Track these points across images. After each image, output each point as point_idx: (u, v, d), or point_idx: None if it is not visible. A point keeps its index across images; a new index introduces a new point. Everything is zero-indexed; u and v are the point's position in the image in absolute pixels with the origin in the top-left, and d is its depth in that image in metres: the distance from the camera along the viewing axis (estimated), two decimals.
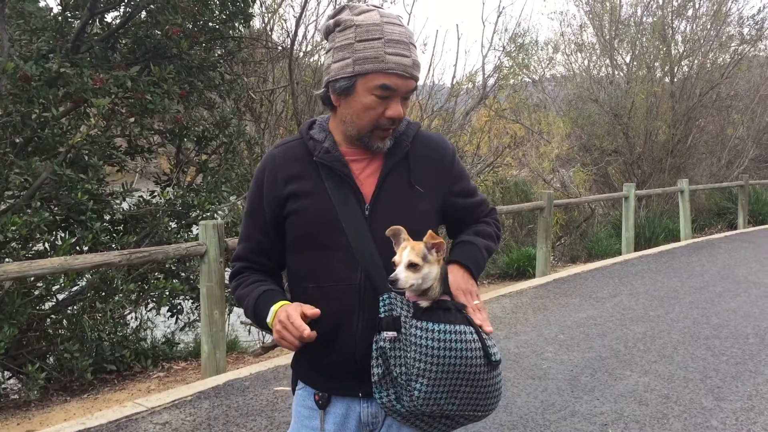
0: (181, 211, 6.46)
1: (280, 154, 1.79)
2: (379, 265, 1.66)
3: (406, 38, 1.67)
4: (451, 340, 1.59)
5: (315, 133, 1.78)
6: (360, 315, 1.68)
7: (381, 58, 1.63)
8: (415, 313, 1.63)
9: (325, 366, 1.73)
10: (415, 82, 1.69)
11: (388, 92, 1.65)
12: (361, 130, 1.70)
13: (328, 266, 1.70)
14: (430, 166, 1.79)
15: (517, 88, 16.90)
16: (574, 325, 6.26)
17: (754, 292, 7.70)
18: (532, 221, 12.04)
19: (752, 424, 4.03)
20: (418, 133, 1.81)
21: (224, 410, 4.23)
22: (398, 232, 1.64)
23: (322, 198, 1.71)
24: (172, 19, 6.31)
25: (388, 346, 1.62)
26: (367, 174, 1.74)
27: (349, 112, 1.71)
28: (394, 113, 1.67)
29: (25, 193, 5.69)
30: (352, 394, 1.73)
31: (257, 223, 1.80)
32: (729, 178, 16.75)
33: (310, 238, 1.72)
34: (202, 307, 5.21)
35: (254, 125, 9.34)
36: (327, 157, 1.72)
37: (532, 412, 4.17)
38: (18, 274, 4.31)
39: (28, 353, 5.60)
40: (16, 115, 5.44)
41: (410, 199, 1.73)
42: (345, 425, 1.74)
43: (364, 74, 1.64)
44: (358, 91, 1.67)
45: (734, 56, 16.64)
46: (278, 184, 1.75)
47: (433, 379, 1.59)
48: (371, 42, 1.64)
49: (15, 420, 4.82)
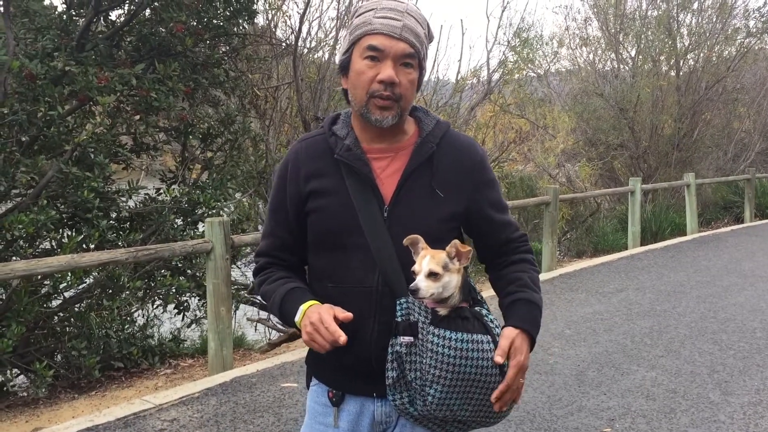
0: (187, 208, 6.46)
1: (303, 149, 1.76)
2: (398, 269, 1.63)
3: (400, 8, 1.65)
4: (468, 349, 1.57)
5: (338, 129, 1.74)
6: (376, 317, 1.65)
7: (368, 22, 1.64)
8: (433, 320, 1.60)
9: (339, 366, 1.71)
10: (408, 46, 1.63)
11: (376, 53, 1.62)
12: (360, 101, 1.66)
13: (347, 267, 1.67)
14: (456, 170, 1.72)
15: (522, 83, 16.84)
16: (581, 320, 6.25)
17: (761, 286, 7.68)
18: (538, 216, 12.03)
19: (760, 419, 4.02)
20: (446, 134, 1.75)
21: (231, 407, 4.24)
22: (416, 241, 1.61)
23: (343, 197, 1.67)
24: (177, 16, 6.31)
25: (404, 351, 1.60)
26: (388, 173, 1.70)
27: (350, 87, 1.69)
28: (385, 76, 1.61)
29: (31, 191, 5.71)
30: (367, 393, 1.71)
31: (280, 220, 1.77)
32: (735, 172, 16.70)
33: (329, 237, 1.69)
34: (209, 304, 5.21)
35: (259, 122, 9.34)
36: (348, 155, 1.68)
37: (539, 407, 4.16)
38: (25, 273, 4.32)
39: (36, 351, 5.62)
40: (21, 113, 5.44)
41: (430, 203, 1.68)
42: (358, 423, 1.72)
43: (356, 41, 1.65)
44: (353, 61, 1.66)
45: (740, 49, 16.54)
46: (300, 181, 1.72)
47: (448, 386, 1.57)
48: (364, 14, 1.66)
49: (24, 417, 4.84)
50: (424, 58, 1.70)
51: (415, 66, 1.67)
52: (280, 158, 9.08)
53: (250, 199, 8.93)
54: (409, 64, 1.65)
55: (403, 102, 1.66)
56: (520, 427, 3.90)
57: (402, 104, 1.66)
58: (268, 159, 8.67)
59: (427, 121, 1.77)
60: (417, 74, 1.68)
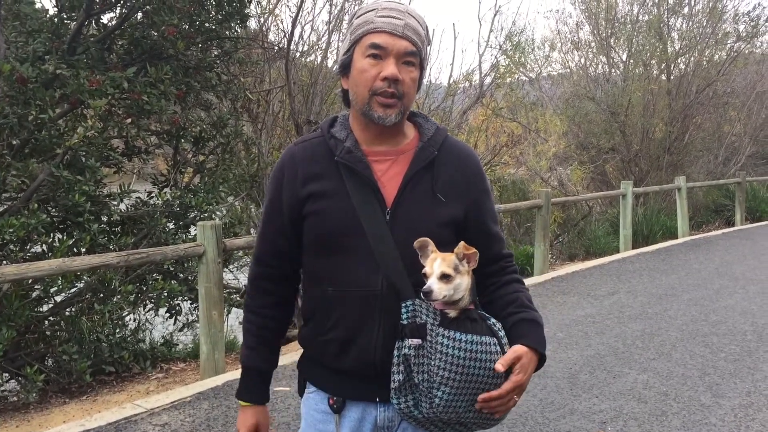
0: (178, 212, 6.45)
1: (299, 152, 1.74)
2: (402, 271, 1.62)
3: (401, 8, 1.66)
4: (476, 351, 1.58)
5: (336, 131, 1.72)
6: (380, 321, 1.63)
7: (370, 21, 1.64)
8: (443, 321, 1.59)
9: (342, 371, 1.68)
10: (410, 44, 1.64)
11: (378, 50, 1.63)
12: (362, 99, 1.65)
13: (348, 270, 1.65)
14: (456, 177, 1.73)
15: (514, 87, 16.93)
16: (573, 323, 6.26)
17: (751, 288, 7.72)
18: (530, 220, 12.06)
19: (751, 421, 4.04)
20: (446, 140, 1.76)
21: (223, 411, 4.22)
22: (426, 244, 1.61)
23: (343, 199, 1.65)
24: (169, 19, 6.30)
25: (412, 354, 1.59)
26: (389, 176, 1.69)
27: (352, 86, 1.69)
28: (388, 73, 1.62)
29: (22, 195, 5.69)
30: (369, 398, 1.69)
31: (275, 224, 1.75)
32: (726, 175, 16.78)
33: (329, 240, 1.67)
34: (201, 308, 5.20)
35: (251, 125, 9.34)
36: (349, 157, 1.67)
37: (532, 410, 4.17)
38: (16, 277, 4.30)
39: (27, 355, 5.59)
40: (12, 117, 5.42)
41: (431, 207, 1.68)
42: (360, 429, 1.70)
43: (357, 41, 1.66)
44: (355, 60, 1.67)
45: (730, 53, 16.66)
46: (297, 183, 1.70)
47: (456, 388, 1.57)
48: (365, 14, 1.67)
49: (14, 422, 4.81)
50: (425, 57, 1.71)
51: (417, 65, 1.68)
52: (272, 162, 9.07)
53: (242, 203, 8.93)
54: (411, 63, 1.66)
55: (405, 100, 1.66)
56: (512, 430, 3.91)
57: (404, 102, 1.66)
58: (260, 162, 8.67)
59: (428, 127, 1.77)
60: (418, 73, 1.69)
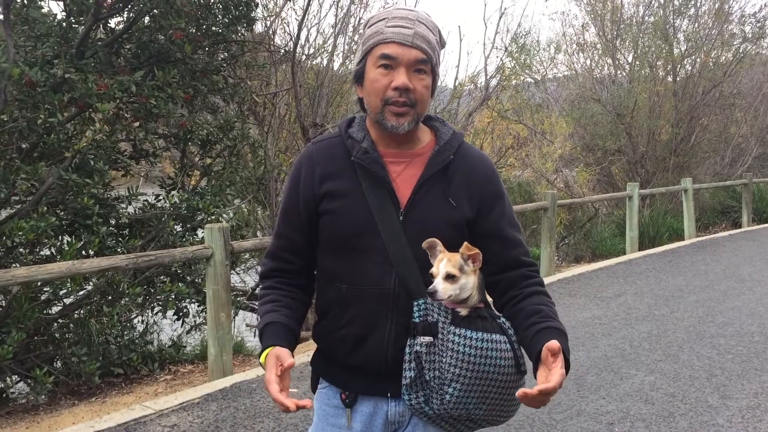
0: (186, 214, 6.48)
1: (317, 151, 1.78)
2: (415, 271, 1.66)
3: (411, 16, 1.69)
4: (487, 348, 1.62)
5: (354, 132, 1.76)
6: (392, 319, 1.67)
7: (381, 31, 1.67)
8: (454, 319, 1.64)
9: (354, 367, 1.72)
10: (420, 53, 1.66)
11: (389, 61, 1.65)
12: (376, 109, 1.69)
13: (362, 269, 1.68)
14: (470, 181, 1.76)
15: (520, 89, 16.91)
16: (579, 324, 6.26)
17: (758, 290, 7.70)
18: (536, 221, 12.04)
19: (758, 422, 4.04)
20: (461, 145, 1.79)
21: (232, 412, 4.24)
22: (434, 245, 1.65)
23: (358, 199, 1.69)
24: (176, 23, 6.33)
25: (424, 351, 1.63)
26: (404, 178, 1.72)
27: (365, 95, 1.72)
28: (399, 83, 1.64)
29: (31, 198, 5.72)
30: (381, 393, 1.73)
31: (291, 221, 1.78)
32: (733, 177, 16.73)
33: (343, 239, 1.70)
34: (209, 310, 5.22)
35: (258, 128, 9.36)
36: (365, 157, 1.70)
37: (539, 412, 4.17)
38: (26, 279, 4.34)
39: (36, 357, 5.62)
40: (22, 120, 5.46)
41: (444, 210, 1.71)
42: (372, 423, 1.74)
43: (369, 51, 1.69)
44: (367, 70, 1.70)
45: (736, 54, 16.60)
46: (315, 182, 1.73)
47: (466, 385, 1.61)
48: (376, 24, 1.70)
49: (24, 424, 4.84)
50: (437, 64, 1.73)
51: (428, 72, 1.70)
52: (278, 164, 9.11)
53: (248, 206, 8.95)
54: (422, 71, 1.68)
55: (418, 107, 1.69)
56: (519, 431, 3.92)
57: (418, 109, 1.69)
58: (266, 165, 8.69)
59: (444, 131, 1.80)
60: (431, 80, 1.71)
